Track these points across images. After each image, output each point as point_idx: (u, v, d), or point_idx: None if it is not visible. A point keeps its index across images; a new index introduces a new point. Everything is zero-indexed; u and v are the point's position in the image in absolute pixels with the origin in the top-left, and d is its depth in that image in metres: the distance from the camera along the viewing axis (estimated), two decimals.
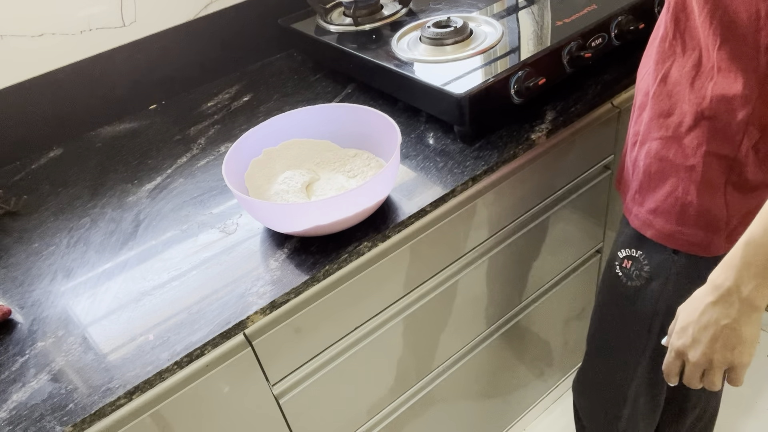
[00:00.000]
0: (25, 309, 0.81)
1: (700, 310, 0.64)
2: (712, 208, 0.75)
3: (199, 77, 1.31)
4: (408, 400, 1.09)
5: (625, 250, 0.87)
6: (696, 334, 0.65)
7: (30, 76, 1.12)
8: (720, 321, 0.62)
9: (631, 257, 0.86)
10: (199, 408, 0.78)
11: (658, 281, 0.83)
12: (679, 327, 0.69)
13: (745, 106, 0.62)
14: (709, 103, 0.70)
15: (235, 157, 0.87)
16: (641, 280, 0.85)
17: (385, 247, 0.87)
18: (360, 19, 1.18)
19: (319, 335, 0.87)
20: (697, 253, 0.78)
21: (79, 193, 1.04)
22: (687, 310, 0.68)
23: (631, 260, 0.86)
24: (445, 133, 1.00)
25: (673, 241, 0.79)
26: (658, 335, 0.87)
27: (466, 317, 1.10)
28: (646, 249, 0.84)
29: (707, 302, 0.63)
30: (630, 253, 0.86)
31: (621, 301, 0.90)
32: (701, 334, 0.64)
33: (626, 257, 0.87)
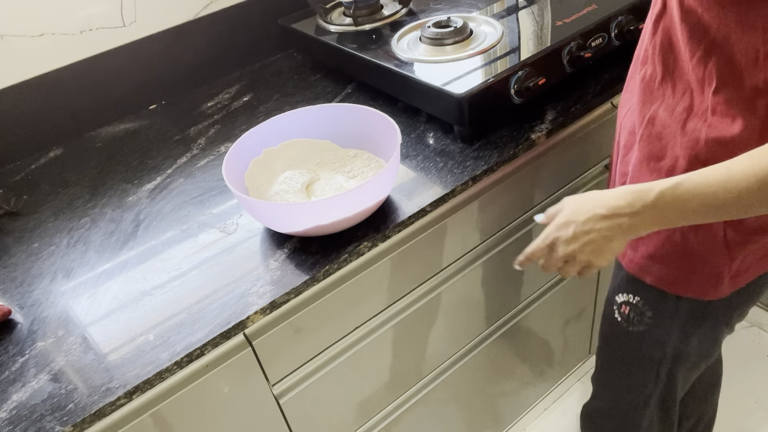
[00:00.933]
0: (25, 309, 0.81)
1: (587, 216, 0.64)
2: (713, 253, 0.71)
3: (199, 77, 1.31)
4: (408, 400, 1.09)
5: (623, 294, 0.83)
6: (576, 234, 0.65)
7: (30, 76, 1.12)
8: (602, 232, 0.64)
9: (630, 303, 0.82)
10: (199, 408, 0.78)
11: (662, 328, 0.80)
12: (563, 221, 0.67)
13: (744, 149, 0.57)
14: (704, 147, 0.67)
15: (235, 157, 0.87)
16: (643, 326, 0.82)
17: (385, 247, 0.87)
18: (360, 19, 1.18)
19: (319, 335, 0.87)
20: (702, 298, 0.75)
21: (79, 193, 1.04)
22: (575, 208, 0.66)
23: (629, 306, 0.82)
24: (445, 133, 1.00)
25: (676, 288, 0.76)
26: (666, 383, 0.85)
27: (466, 317, 1.10)
28: (645, 294, 0.80)
29: (598, 213, 0.63)
30: (628, 298, 0.82)
31: (624, 344, 0.87)
32: (581, 236, 0.65)
33: (624, 303, 0.83)
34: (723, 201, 0.56)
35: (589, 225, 0.64)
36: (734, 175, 0.55)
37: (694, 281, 0.74)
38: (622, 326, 0.85)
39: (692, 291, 0.75)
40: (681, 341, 0.80)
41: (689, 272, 0.74)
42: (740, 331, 1.64)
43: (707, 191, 0.57)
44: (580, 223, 0.65)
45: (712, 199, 0.57)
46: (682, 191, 0.58)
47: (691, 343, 0.80)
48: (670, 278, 0.76)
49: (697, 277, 0.74)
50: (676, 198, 0.58)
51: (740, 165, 0.55)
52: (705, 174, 0.57)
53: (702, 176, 0.58)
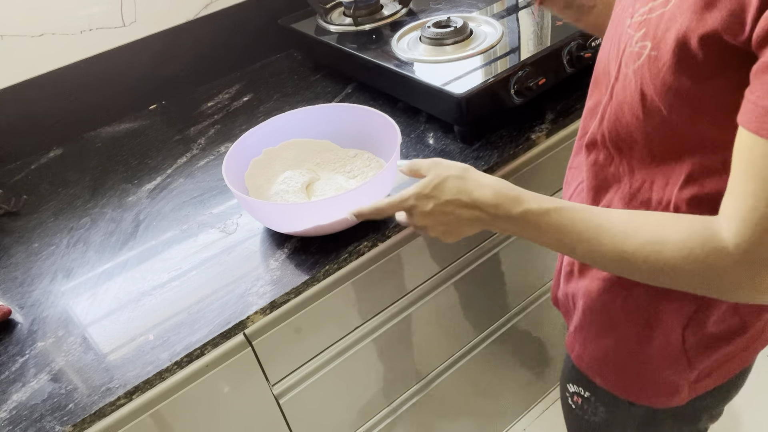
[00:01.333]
0: (25, 309, 0.81)
1: (450, 197, 0.62)
2: (671, 361, 0.65)
3: (199, 77, 1.31)
4: (408, 400, 1.09)
5: (573, 386, 0.78)
6: (433, 211, 0.63)
7: (30, 76, 1.12)
8: (459, 218, 0.62)
9: (581, 396, 0.77)
10: (199, 408, 0.78)
11: (617, 425, 0.75)
12: (426, 192, 0.63)
13: None
14: None
15: (235, 157, 0.87)
16: (599, 418, 0.76)
17: (385, 247, 0.87)
18: (360, 19, 1.18)
19: (319, 335, 0.87)
20: (657, 406, 0.69)
21: (79, 193, 1.04)
22: (441, 184, 0.63)
23: (581, 398, 0.77)
24: (445, 133, 1.00)
25: (628, 394, 0.70)
26: None
27: (468, 317, 1.10)
28: (596, 393, 0.74)
29: (462, 200, 0.61)
30: (579, 390, 0.77)
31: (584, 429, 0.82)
32: (437, 215, 0.63)
33: (575, 393, 0.78)
34: (582, 252, 0.55)
35: (449, 207, 0.62)
36: (602, 236, 0.53)
37: (648, 389, 0.68)
38: (577, 413, 0.81)
39: (646, 399, 0.69)
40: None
41: (643, 380, 0.68)
42: None
43: (570, 236, 0.55)
44: (441, 202, 0.62)
45: (569, 243, 0.55)
46: (547, 220, 0.56)
47: None
48: (621, 385, 0.70)
49: (652, 386, 0.68)
50: (538, 223, 0.57)
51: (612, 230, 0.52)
52: (578, 217, 0.55)
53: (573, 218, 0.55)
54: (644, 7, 0.51)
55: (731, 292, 0.48)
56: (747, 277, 0.46)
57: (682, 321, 0.62)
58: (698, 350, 0.64)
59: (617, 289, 0.65)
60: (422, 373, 1.09)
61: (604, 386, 0.72)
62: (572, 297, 0.73)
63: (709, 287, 0.49)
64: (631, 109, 0.53)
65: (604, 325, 0.69)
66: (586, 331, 0.72)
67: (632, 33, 0.51)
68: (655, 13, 0.49)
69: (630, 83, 0.52)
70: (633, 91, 0.52)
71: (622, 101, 0.54)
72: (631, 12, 0.53)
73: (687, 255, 0.48)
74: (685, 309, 0.62)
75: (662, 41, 0.47)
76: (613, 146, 0.59)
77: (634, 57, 0.51)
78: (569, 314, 0.76)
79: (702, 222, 0.48)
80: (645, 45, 0.49)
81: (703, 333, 0.63)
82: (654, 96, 0.50)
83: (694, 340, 0.63)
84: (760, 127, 0.41)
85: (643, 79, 0.50)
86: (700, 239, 0.47)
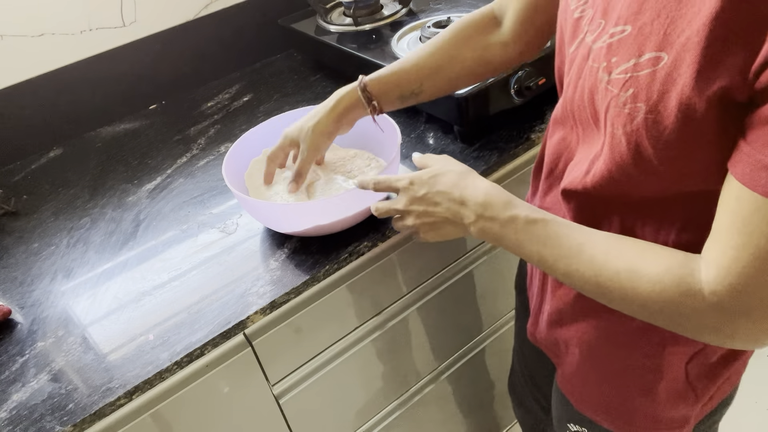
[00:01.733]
0: (25, 309, 0.81)
1: (440, 189, 0.63)
2: (678, 397, 0.64)
3: (199, 77, 1.31)
4: (409, 400, 1.09)
5: (575, 425, 0.75)
6: (424, 199, 0.64)
7: (30, 76, 1.12)
8: (446, 211, 0.62)
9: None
10: (199, 408, 0.78)
11: None
12: (423, 178, 0.64)
13: None
14: None
15: (235, 157, 0.87)
16: None
17: (385, 247, 0.87)
18: (360, 19, 1.18)
19: (319, 335, 0.87)
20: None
21: (79, 193, 1.04)
22: (437, 176, 0.63)
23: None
24: (445, 133, 1.00)
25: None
26: None
27: (468, 316, 1.10)
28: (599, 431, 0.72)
29: (452, 195, 0.62)
30: (581, 430, 0.75)
31: None
32: (426, 204, 0.64)
33: None
34: (559, 269, 0.54)
35: (439, 198, 0.62)
36: (582, 256, 0.52)
37: (655, 428, 0.67)
38: None
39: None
40: None
41: (653, 419, 0.66)
42: None
43: (551, 250, 0.54)
44: (433, 191, 0.63)
45: (549, 257, 0.55)
46: (532, 230, 0.56)
47: None
48: (631, 427, 0.68)
49: (662, 422, 0.66)
50: (524, 231, 0.56)
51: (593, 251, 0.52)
52: (561, 233, 0.54)
53: (557, 233, 0.55)
54: (626, 63, 0.47)
55: (698, 335, 0.48)
56: (716, 323, 0.46)
57: (686, 358, 0.62)
58: (702, 381, 0.64)
59: (618, 341, 0.64)
60: (422, 372, 1.09)
61: (611, 429, 0.70)
62: (563, 343, 0.71)
63: (676, 325, 0.49)
64: (622, 168, 0.51)
65: (606, 374, 0.68)
66: (585, 376, 0.70)
67: (615, 91, 0.48)
68: (643, 71, 0.45)
69: (620, 144, 0.49)
70: (624, 152, 0.49)
71: (611, 160, 0.52)
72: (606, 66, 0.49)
73: (660, 290, 0.48)
74: (691, 347, 0.61)
75: (660, 104, 0.44)
76: (601, 197, 0.56)
77: (625, 118, 0.47)
78: (558, 356, 0.74)
79: (682, 259, 0.48)
80: (638, 107, 0.46)
81: (708, 363, 0.62)
82: (652, 157, 0.47)
83: (697, 372, 0.63)
84: (750, 180, 0.40)
85: (640, 141, 0.47)
86: (676, 277, 0.47)
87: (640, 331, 0.61)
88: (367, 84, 0.78)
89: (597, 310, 0.62)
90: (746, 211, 0.41)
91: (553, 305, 0.70)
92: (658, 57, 0.44)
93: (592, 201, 0.58)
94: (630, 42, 0.46)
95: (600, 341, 0.66)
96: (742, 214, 0.42)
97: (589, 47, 0.52)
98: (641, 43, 0.45)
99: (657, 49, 0.44)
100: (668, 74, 0.43)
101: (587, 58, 0.52)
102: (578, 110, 0.56)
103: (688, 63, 0.42)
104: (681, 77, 0.42)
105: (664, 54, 0.43)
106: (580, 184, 0.57)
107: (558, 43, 0.62)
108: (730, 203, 0.43)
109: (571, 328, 0.68)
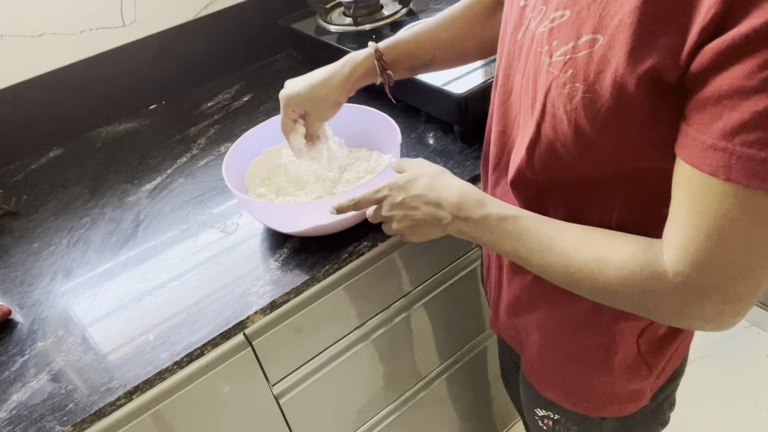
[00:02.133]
0: (25, 309, 0.81)
1: (417, 193, 0.64)
2: (634, 372, 0.67)
3: (199, 77, 1.31)
4: (409, 400, 1.09)
5: (542, 410, 0.78)
6: (402, 204, 0.65)
7: (30, 76, 1.12)
8: (424, 214, 0.63)
9: (552, 419, 0.78)
10: (199, 408, 0.78)
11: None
12: (399, 184, 0.65)
13: None
14: None
15: (235, 157, 0.87)
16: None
17: (385, 247, 0.87)
18: (360, 19, 1.18)
19: (319, 335, 0.87)
20: (626, 413, 0.71)
21: (79, 193, 1.04)
22: (413, 180, 0.64)
23: (552, 421, 0.78)
24: (445, 133, 1.00)
25: (598, 411, 0.72)
26: None
27: (468, 316, 1.10)
28: (566, 414, 0.75)
29: (429, 197, 0.63)
30: (548, 414, 0.78)
31: None
32: (405, 208, 0.65)
33: (545, 417, 0.78)
34: (532, 261, 0.56)
35: (417, 202, 0.64)
36: (553, 248, 0.54)
37: (616, 403, 0.70)
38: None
39: (616, 411, 0.71)
40: None
41: (611, 396, 0.69)
42: (740, 331, 1.64)
43: (524, 244, 0.56)
44: (410, 195, 0.64)
45: (522, 252, 0.57)
46: (505, 227, 0.58)
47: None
48: (591, 405, 0.71)
49: (619, 398, 0.69)
50: (496, 228, 0.58)
51: (563, 243, 0.54)
52: (532, 227, 0.56)
53: (528, 228, 0.56)
54: (565, 46, 0.49)
55: (666, 318, 0.50)
56: (682, 304, 0.47)
57: (636, 333, 0.64)
58: (653, 354, 0.66)
59: (574, 322, 0.66)
60: (422, 372, 1.09)
61: (572, 409, 0.73)
62: (524, 330, 0.73)
63: (645, 310, 0.50)
64: (565, 147, 0.53)
65: (565, 356, 0.70)
66: (547, 361, 0.73)
67: (556, 73, 0.50)
68: (581, 52, 0.47)
69: (561, 123, 0.51)
70: (566, 131, 0.51)
71: (554, 140, 0.53)
72: (548, 50, 0.51)
73: (627, 276, 0.49)
74: (640, 322, 0.63)
75: (597, 83, 0.46)
76: (546, 181, 0.58)
77: (565, 98, 0.50)
78: (520, 344, 0.77)
79: (645, 244, 0.50)
80: (576, 87, 0.48)
81: (656, 337, 0.65)
82: (591, 134, 0.49)
83: (647, 346, 0.65)
84: (699, 161, 0.42)
85: (579, 120, 0.49)
86: (641, 261, 0.49)
87: (592, 310, 0.63)
88: (382, 52, 0.77)
89: (551, 293, 0.64)
90: (698, 191, 0.43)
91: (511, 293, 0.71)
92: (594, 39, 0.46)
93: (539, 187, 0.59)
94: (569, 26, 0.49)
95: (557, 324, 0.68)
96: (694, 194, 0.43)
97: (533, 33, 0.54)
98: (579, 26, 0.48)
99: (593, 32, 0.46)
100: (603, 55, 0.45)
101: (532, 43, 0.55)
102: (524, 94, 0.58)
103: (621, 43, 0.44)
104: (615, 57, 0.45)
105: (600, 36, 0.46)
106: (527, 170, 0.59)
107: (501, 32, 0.64)
108: (683, 185, 0.45)
109: (530, 314, 0.70)
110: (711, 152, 0.41)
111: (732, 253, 0.43)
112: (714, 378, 1.52)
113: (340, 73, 0.77)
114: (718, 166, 0.40)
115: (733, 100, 0.39)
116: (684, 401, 0.81)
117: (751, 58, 0.37)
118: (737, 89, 0.39)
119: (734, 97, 0.39)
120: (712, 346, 1.60)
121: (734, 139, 0.39)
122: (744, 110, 0.39)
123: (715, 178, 0.41)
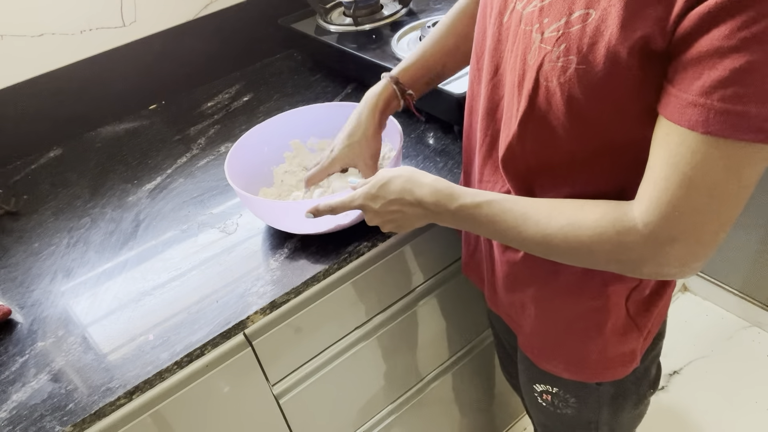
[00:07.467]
0: (25, 309, 0.81)
1: (395, 197, 0.65)
2: (624, 333, 0.70)
3: (199, 77, 1.31)
4: (409, 400, 1.09)
5: (540, 385, 0.81)
6: (381, 211, 0.67)
7: (30, 76, 1.12)
8: (407, 215, 0.66)
9: (550, 393, 0.80)
10: (199, 408, 0.78)
11: (589, 409, 0.78)
12: (373, 192, 0.67)
13: None
14: None
15: (236, 157, 0.87)
16: (570, 409, 0.80)
17: (385, 247, 0.87)
18: (360, 19, 1.18)
19: (319, 335, 0.87)
20: (621, 377, 0.74)
21: (79, 193, 1.04)
22: (385, 185, 0.66)
23: (550, 395, 0.80)
24: (445, 133, 1.00)
25: (594, 377, 0.74)
26: None
27: (469, 315, 1.10)
28: (564, 386, 0.78)
29: (406, 199, 0.65)
30: (546, 388, 0.80)
31: (557, 424, 0.85)
32: (385, 214, 0.67)
33: (543, 392, 0.81)
34: (512, 238, 0.60)
35: (395, 206, 0.66)
36: (528, 222, 0.57)
37: (611, 366, 0.72)
38: (549, 410, 0.83)
39: (611, 376, 0.73)
40: (612, 417, 0.79)
41: (606, 360, 0.72)
42: (740, 331, 1.64)
43: (501, 225, 0.59)
44: (387, 201, 0.66)
45: (501, 231, 0.60)
46: (480, 213, 0.61)
47: (623, 415, 0.79)
48: (587, 372, 0.74)
49: (614, 361, 0.72)
50: (473, 216, 0.61)
51: (536, 216, 0.57)
52: (506, 207, 0.59)
53: (502, 209, 0.59)
54: (557, 22, 0.51)
55: (638, 268, 0.53)
56: (652, 253, 0.50)
57: (625, 294, 0.67)
58: (641, 314, 0.69)
59: (566, 289, 0.68)
60: (422, 372, 1.09)
61: (571, 378, 0.75)
62: (520, 305, 0.75)
63: (620, 264, 0.54)
64: (558, 119, 0.55)
65: (560, 325, 0.72)
66: (543, 334, 0.75)
67: (548, 48, 0.52)
68: (574, 27, 0.50)
69: (554, 95, 0.53)
70: (559, 102, 0.53)
71: (546, 111, 0.55)
72: (539, 27, 0.53)
73: (600, 233, 0.53)
74: (628, 283, 0.66)
75: (590, 54, 0.49)
76: (536, 156, 0.61)
77: (558, 71, 0.52)
78: (516, 320, 0.78)
79: (616, 204, 0.53)
80: (570, 59, 0.50)
81: (642, 298, 0.68)
82: (584, 103, 0.52)
83: (635, 307, 0.69)
84: (679, 117, 0.44)
85: (572, 90, 0.52)
86: (612, 218, 0.52)
87: (583, 275, 0.66)
88: (397, 77, 0.81)
89: (543, 265, 0.66)
90: (673, 144, 0.46)
91: (504, 270, 0.74)
92: (587, 13, 0.49)
93: (528, 163, 0.62)
94: (560, 3, 0.52)
95: (551, 293, 0.70)
96: (670, 147, 0.46)
97: (520, 14, 0.57)
98: (571, 3, 0.51)
99: (585, 7, 0.49)
100: (596, 27, 0.48)
101: (520, 23, 0.57)
102: (511, 73, 0.60)
103: (613, 16, 0.47)
104: (608, 29, 0.47)
105: (592, 10, 0.49)
106: (517, 147, 0.61)
107: (480, 19, 0.67)
108: (660, 141, 0.48)
109: (526, 287, 0.73)
110: (691, 108, 0.44)
111: (700, 201, 0.46)
112: (714, 378, 1.52)
113: (365, 108, 0.81)
114: (697, 121, 0.43)
115: (713, 60, 0.42)
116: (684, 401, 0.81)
117: (730, 21, 0.40)
118: (717, 49, 0.41)
119: (714, 57, 0.42)
120: (712, 346, 1.60)
121: (713, 95, 0.42)
122: (722, 68, 0.41)
123: (693, 131, 0.44)
